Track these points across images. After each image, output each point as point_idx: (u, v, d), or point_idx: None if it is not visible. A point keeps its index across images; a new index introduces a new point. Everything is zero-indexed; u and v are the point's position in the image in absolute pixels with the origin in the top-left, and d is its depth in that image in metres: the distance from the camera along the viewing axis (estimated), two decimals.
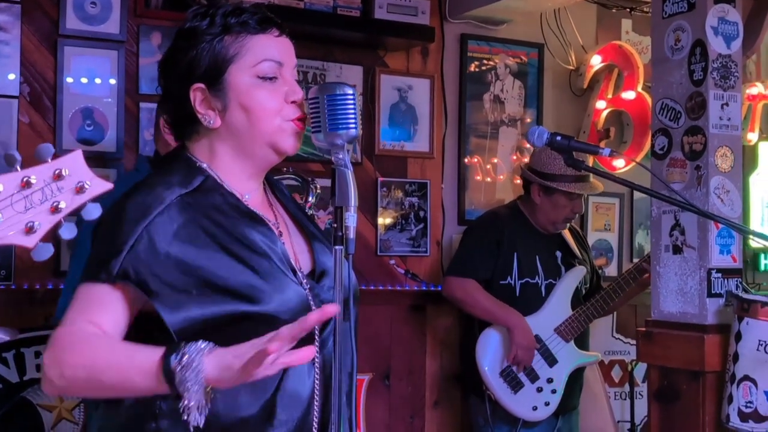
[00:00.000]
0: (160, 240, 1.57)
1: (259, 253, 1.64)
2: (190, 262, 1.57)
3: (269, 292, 1.61)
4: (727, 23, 3.12)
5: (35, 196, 1.14)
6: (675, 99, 3.20)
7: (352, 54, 4.19)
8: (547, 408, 3.67)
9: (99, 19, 3.64)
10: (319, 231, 1.84)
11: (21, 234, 1.13)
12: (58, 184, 1.16)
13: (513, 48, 4.59)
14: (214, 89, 1.67)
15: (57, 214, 1.16)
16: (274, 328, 1.56)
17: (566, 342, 3.71)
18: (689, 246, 3.13)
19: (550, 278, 3.76)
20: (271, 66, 1.68)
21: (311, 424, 1.65)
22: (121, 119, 3.66)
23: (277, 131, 1.68)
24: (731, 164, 3.13)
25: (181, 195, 1.63)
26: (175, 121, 1.74)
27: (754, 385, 2.91)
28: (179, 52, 1.69)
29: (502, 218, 3.84)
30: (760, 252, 4.95)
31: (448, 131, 4.44)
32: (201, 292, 1.56)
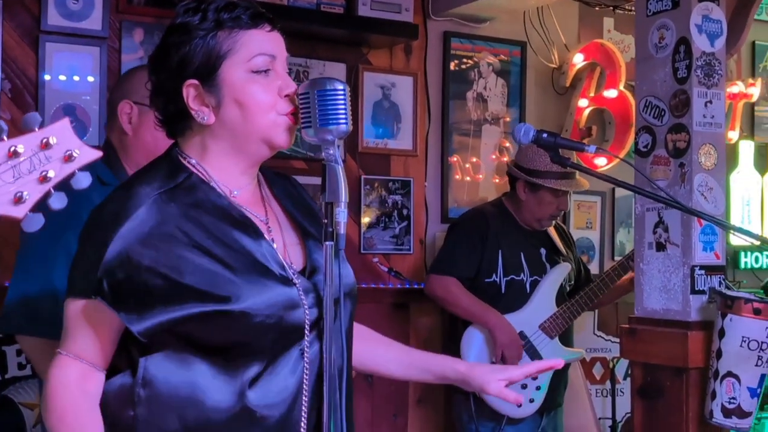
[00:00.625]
0: (131, 244, 1.58)
1: (237, 250, 1.63)
2: (160, 263, 1.58)
3: (245, 290, 1.60)
4: (711, 21, 3.15)
5: (23, 165, 1.12)
6: (659, 97, 3.23)
7: (336, 51, 4.19)
8: (532, 405, 3.68)
9: (81, 15, 3.62)
10: (317, 228, 1.81)
11: (10, 204, 1.11)
12: (46, 153, 1.14)
13: (496, 46, 4.61)
14: (208, 85, 1.66)
15: (46, 184, 1.14)
16: (248, 326, 1.58)
17: (551, 339, 3.72)
18: (673, 243, 3.16)
19: (535, 275, 3.76)
20: (264, 60, 1.68)
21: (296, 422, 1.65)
22: (103, 116, 3.63)
23: (271, 126, 1.68)
24: (714, 162, 3.16)
25: (161, 192, 1.63)
26: (165, 117, 1.73)
27: (737, 381, 2.94)
28: (171, 48, 1.68)
29: (486, 216, 3.83)
30: (741, 250, 5.00)
31: (432, 129, 4.45)
32: (169, 294, 1.57)
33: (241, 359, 1.61)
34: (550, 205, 3.73)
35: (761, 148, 5.10)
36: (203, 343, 1.61)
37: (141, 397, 1.61)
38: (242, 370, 1.61)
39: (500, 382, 1.89)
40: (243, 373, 1.61)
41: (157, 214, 1.61)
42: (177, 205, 1.63)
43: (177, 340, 1.61)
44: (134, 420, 1.61)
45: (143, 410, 1.61)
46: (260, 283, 1.62)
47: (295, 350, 1.64)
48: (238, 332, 1.60)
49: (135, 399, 1.62)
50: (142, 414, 1.61)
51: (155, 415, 1.61)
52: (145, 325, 1.57)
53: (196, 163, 1.70)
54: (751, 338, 2.90)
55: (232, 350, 1.61)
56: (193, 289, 1.58)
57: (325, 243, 1.64)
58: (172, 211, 1.62)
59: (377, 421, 4.23)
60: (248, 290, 1.60)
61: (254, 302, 1.60)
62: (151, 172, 1.69)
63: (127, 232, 1.58)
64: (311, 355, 1.66)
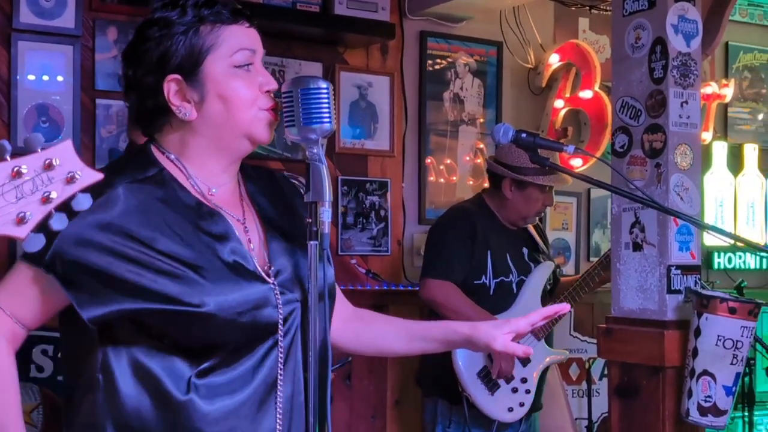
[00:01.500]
0: (89, 230, 1.56)
1: (201, 250, 1.63)
2: (118, 253, 1.57)
3: (208, 288, 1.60)
4: (687, 21, 3.20)
5: (26, 186, 1.13)
6: (635, 97, 3.27)
7: (312, 50, 4.20)
8: (522, 409, 3.65)
9: (53, 14, 3.60)
10: (295, 227, 1.81)
11: (12, 224, 1.12)
12: (49, 174, 1.15)
13: (472, 46, 4.65)
14: (191, 80, 1.66)
15: (48, 204, 1.15)
16: (213, 324, 1.58)
17: (538, 341, 3.69)
18: (649, 243, 3.20)
19: (521, 275, 3.73)
20: (246, 55, 1.69)
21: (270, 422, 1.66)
22: (77, 116, 3.63)
23: (253, 121, 1.69)
24: (690, 162, 3.21)
25: (128, 183, 1.63)
26: (142, 114, 1.72)
27: (712, 379, 2.98)
28: (149, 43, 1.67)
29: (472, 215, 3.76)
30: (714, 251, 5.07)
31: (408, 129, 4.48)
32: (125, 286, 1.57)
33: (202, 354, 1.61)
34: (537, 201, 3.69)
35: (734, 148, 5.17)
36: (163, 337, 1.60)
37: (99, 383, 1.62)
38: (200, 363, 1.61)
39: (506, 337, 1.85)
40: (199, 366, 1.61)
41: (121, 205, 1.60)
42: (143, 199, 1.63)
43: (135, 330, 1.60)
44: (93, 405, 1.62)
45: (101, 397, 1.62)
46: (229, 281, 1.62)
47: (261, 349, 1.65)
48: (202, 330, 1.59)
49: (95, 385, 1.62)
50: (100, 400, 1.62)
51: (111, 401, 1.61)
52: (97, 312, 1.57)
53: (175, 159, 1.70)
54: (727, 337, 2.95)
55: (195, 347, 1.61)
56: (153, 289, 1.57)
57: (309, 242, 1.66)
58: (137, 204, 1.61)
59: (355, 423, 4.25)
60: (211, 290, 1.60)
61: (218, 304, 1.59)
62: (121, 164, 1.70)
63: (85, 215, 1.51)
64: (283, 354, 1.67)
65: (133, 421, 1.60)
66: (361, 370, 4.24)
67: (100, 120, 3.69)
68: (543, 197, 3.70)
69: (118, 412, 1.61)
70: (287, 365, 1.67)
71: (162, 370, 1.60)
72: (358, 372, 4.23)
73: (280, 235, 1.76)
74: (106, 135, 3.64)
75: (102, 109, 3.69)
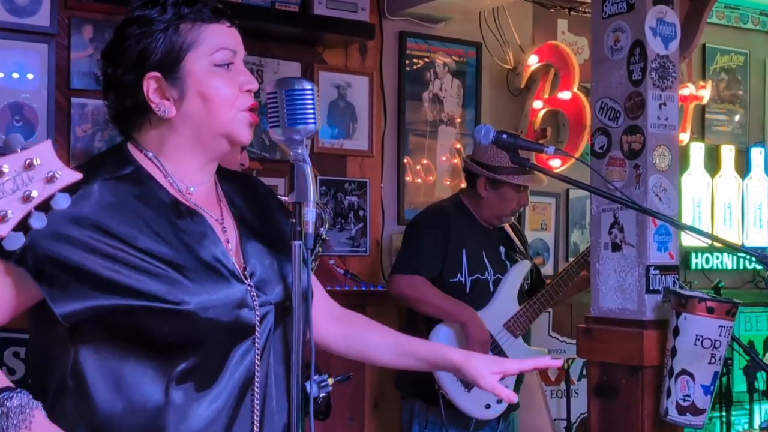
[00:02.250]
0: (63, 224, 1.55)
1: (181, 248, 1.64)
2: (92, 249, 1.56)
3: (185, 287, 1.60)
4: (665, 24, 3.24)
5: (7, 185, 1.15)
6: (614, 98, 3.31)
7: (290, 50, 4.21)
8: (500, 406, 3.66)
9: (28, 11, 3.57)
10: (277, 236, 1.82)
11: None
12: (29, 173, 1.17)
13: (451, 46, 4.67)
14: (171, 78, 1.67)
15: (28, 203, 1.17)
16: (195, 323, 1.58)
17: (515, 338, 3.73)
18: (628, 243, 3.24)
19: (497, 273, 3.76)
20: (226, 54, 1.70)
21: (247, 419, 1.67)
22: (51, 116, 3.60)
23: (232, 121, 1.69)
24: (669, 163, 3.25)
25: (103, 179, 1.62)
26: (121, 112, 1.72)
27: (691, 378, 3.03)
28: (129, 40, 1.67)
29: (447, 213, 3.79)
30: (692, 251, 5.13)
31: (388, 130, 4.50)
32: (93, 282, 1.55)
33: (179, 356, 1.61)
34: (511, 201, 3.72)
35: (711, 150, 5.24)
36: (137, 338, 1.59)
37: (70, 387, 1.61)
38: (176, 365, 1.60)
39: (494, 377, 1.86)
40: (175, 368, 1.60)
41: (97, 201, 1.59)
42: (120, 196, 1.62)
43: (108, 330, 1.59)
44: (63, 411, 1.60)
45: (72, 401, 1.61)
46: (209, 281, 1.63)
47: (238, 351, 1.65)
48: (181, 330, 1.59)
49: (65, 389, 1.61)
50: (70, 404, 1.61)
51: (83, 407, 1.60)
52: (70, 308, 1.55)
53: (153, 156, 1.70)
54: (705, 336, 2.99)
55: (173, 348, 1.60)
56: (128, 282, 1.57)
57: (293, 242, 1.67)
58: (114, 201, 1.61)
59: (333, 425, 4.25)
60: (195, 289, 1.60)
61: (199, 303, 1.60)
62: (97, 161, 1.70)
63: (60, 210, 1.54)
64: (259, 357, 1.67)
65: (106, 428, 1.59)
66: (339, 371, 4.24)
67: (75, 119, 3.67)
68: (518, 197, 3.74)
69: (91, 419, 1.59)
70: (261, 368, 1.68)
71: (136, 374, 1.59)
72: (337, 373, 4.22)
73: (255, 237, 1.77)
74: (81, 134, 3.63)
75: (77, 108, 3.67)
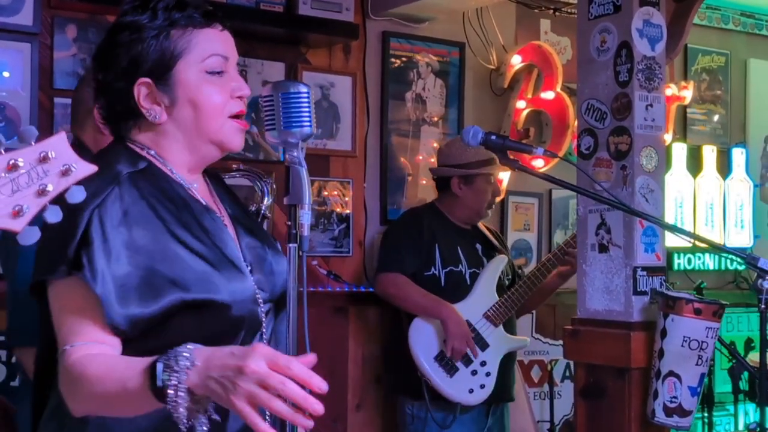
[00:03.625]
0: (108, 223, 1.57)
1: (208, 242, 1.66)
2: (138, 247, 1.58)
3: (220, 282, 1.63)
4: (651, 26, 3.28)
5: (21, 179, 1.14)
6: (601, 100, 3.34)
7: (274, 50, 4.21)
8: (483, 390, 3.79)
9: (11, 10, 3.55)
10: (257, 228, 1.86)
11: (8, 217, 1.13)
12: (44, 166, 1.16)
13: (435, 46, 4.69)
14: (162, 84, 1.68)
15: (43, 197, 1.16)
16: (226, 319, 1.61)
17: (495, 327, 3.86)
18: (615, 245, 3.27)
19: (474, 267, 3.91)
20: (218, 60, 1.71)
21: None
22: (34, 116, 3.59)
23: (221, 129, 1.71)
24: (655, 164, 3.28)
25: (130, 173, 1.64)
26: (112, 115, 1.73)
27: (678, 380, 3.06)
28: (120, 47, 1.68)
29: (420, 213, 4.01)
30: (674, 252, 5.17)
31: (371, 130, 4.50)
32: (148, 281, 1.57)
33: None
34: (485, 193, 3.92)
35: (693, 150, 5.28)
36: (177, 339, 1.57)
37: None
38: None
39: None
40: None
41: (130, 194, 1.61)
42: (147, 190, 1.64)
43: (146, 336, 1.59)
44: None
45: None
46: (231, 276, 1.66)
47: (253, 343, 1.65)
48: (216, 325, 1.60)
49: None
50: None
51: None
52: (126, 312, 1.55)
53: (155, 154, 1.71)
54: (692, 338, 3.02)
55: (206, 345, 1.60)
56: (173, 277, 1.58)
57: (288, 245, 1.69)
58: (144, 195, 1.63)
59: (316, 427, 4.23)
60: (222, 283, 1.63)
61: (230, 294, 1.63)
62: (111, 156, 1.69)
63: (104, 209, 1.57)
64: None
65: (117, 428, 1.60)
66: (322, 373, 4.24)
67: (59, 119, 3.65)
68: (491, 187, 3.94)
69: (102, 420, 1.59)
70: None
71: None
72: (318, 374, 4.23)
73: (247, 233, 1.80)
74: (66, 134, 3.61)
75: (60, 108, 3.65)
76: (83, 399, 1.53)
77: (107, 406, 1.52)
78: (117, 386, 1.48)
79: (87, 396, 1.52)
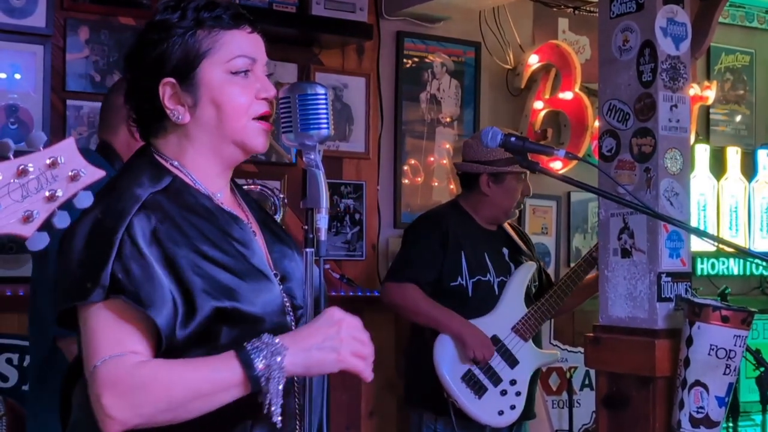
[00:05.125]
0: (140, 242, 1.57)
1: (236, 254, 1.66)
2: (170, 264, 1.58)
3: (250, 294, 1.63)
4: (676, 24, 3.24)
5: (31, 184, 1.15)
6: (623, 100, 3.30)
7: (287, 51, 4.19)
8: (513, 411, 3.64)
9: (24, 12, 3.57)
10: (283, 234, 1.86)
11: (19, 222, 1.14)
12: (53, 172, 1.17)
13: (450, 46, 4.67)
14: (186, 84, 1.68)
15: (53, 203, 1.17)
16: (259, 331, 1.60)
17: (525, 341, 3.70)
18: (638, 249, 3.23)
19: (501, 275, 3.73)
20: (244, 61, 1.71)
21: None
22: (46, 118, 3.60)
23: (244, 129, 1.71)
24: (680, 166, 3.24)
25: (153, 193, 1.64)
26: (141, 117, 1.74)
27: (705, 390, 3.01)
28: (148, 46, 1.69)
29: (444, 217, 3.79)
30: (697, 256, 5.12)
31: (384, 131, 4.49)
32: (183, 300, 1.57)
33: None
34: (515, 191, 3.74)
35: (716, 152, 5.23)
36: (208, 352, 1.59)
37: None
38: None
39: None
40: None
41: (155, 214, 1.61)
42: (170, 208, 1.64)
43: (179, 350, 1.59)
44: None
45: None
46: (261, 287, 1.66)
47: None
48: (243, 338, 1.59)
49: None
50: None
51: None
52: (170, 324, 1.56)
53: (179, 165, 1.71)
54: (720, 346, 2.98)
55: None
56: (205, 291, 1.59)
57: (305, 249, 1.68)
58: (168, 213, 1.63)
59: None
60: (253, 294, 1.64)
61: (262, 306, 1.64)
62: (134, 173, 1.69)
63: (133, 228, 1.57)
64: None
65: None
66: (335, 380, 4.21)
67: (71, 122, 3.66)
68: (521, 186, 3.76)
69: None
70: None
71: None
72: (332, 382, 4.20)
73: (276, 240, 1.80)
74: (77, 137, 3.59)
75: (73, 111, 3.66)
76: (151, 402, 1.54)
77: (182, 406, 1.55)
78: (202, 384, 1.54)
79: (159, 399, 1.54)
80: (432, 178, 4.61)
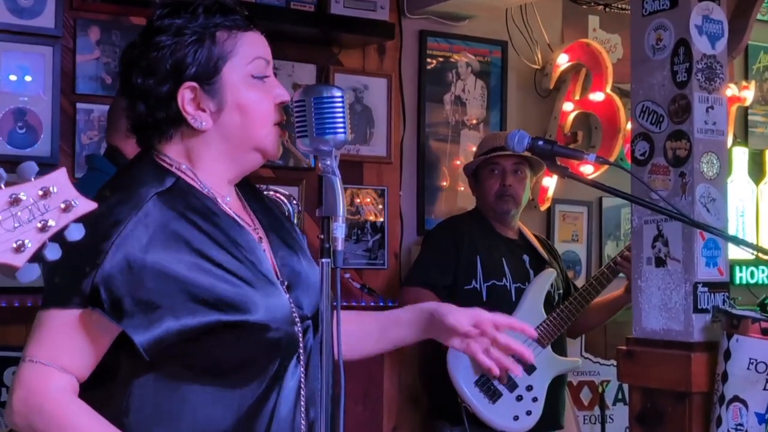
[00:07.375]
0: (133, 250, 1.57)
1: (241, 259, 1.66)
2: (167, 270, 1.58)
3: (256, 300, 1.63)
4: (711, 22, 3.19)
5: (23, 214, 1.16)
6: (657, 102, 3.26)
7: (305, 51, 4.18)
8: (530, 417, 3.70)
9: (32, 12, 3.57)
10: (291, 238, 1.86)
11: (11, 252, 1.14)
12: (45, 202, 1.18)
13: (475, 45, 4.64)
14: (208, 89, 1.68)
15: (45, 233, 1.17)
16: (263, 338, 1.61)
17: (543, 348, 3.75)
18: (673, 258, 3.18)
19: (519, 282, 3.81)
20: (262, 64, 1.73)
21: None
22: (56, 121, 3.60)
23: (267, 136, 1.73)
24: (717, 171, 3.20)
25: (157, 193, 1.64)
26: (150, 123, 1.72)
27: (744, 406, 2.97)
28: (162, 51, 1.68)
29: (460, 222, 3.94)
30: (736, 264, 5.06)
31: (407, 134, 4.46)
32: (177, 303, 1.57)
33: (240, 379, 1.63)
34: (493, 184, 3.85)
35: (755, 155, 5.18)
36: (208, 362, 1.61)
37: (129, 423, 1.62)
38: (235, 389, 1.63)
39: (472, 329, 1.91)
40: (242, 396, 1.63)
41: (157, 217, 1.61)
42: (175, 210, 1.64)
43: (175, 359, 1.60)
44: None
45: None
46: (267, 293, 1.66)
47: (289, 368, 1.69)
48: (251, 347, 1.61)
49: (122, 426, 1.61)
50: None
51: None
52: (153, 334, 1.56)
53: (186, 168, 1.71)
54: (759, 360, 2.93)
55: (240, 370, 1.62)
56: (206, 298, 1.59)
57: (321, 260, 1.66)
58: (171, 215, 1.63)
59: None
60: (258, 300, 1.63)
61: (266, 312, 1.63)
62: (135, 176, 1.69)
63: (126, 236, 1.58)
64: (304, 373, 1.71)
65: None
66: (356, 393, 4.21)
67: (81, 125, 3.66)
68: (496, 177, 3.85)
69: None
70: (308, 384, 1.71)
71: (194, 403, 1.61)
72: (353, 395, 4.20)
73: (283, 245, 1.80)
74: (87, 141, 3.61)
75: (83, 114, 3.66)
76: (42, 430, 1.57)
77: None
78: None
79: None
80: (457, 182, 4.58)
